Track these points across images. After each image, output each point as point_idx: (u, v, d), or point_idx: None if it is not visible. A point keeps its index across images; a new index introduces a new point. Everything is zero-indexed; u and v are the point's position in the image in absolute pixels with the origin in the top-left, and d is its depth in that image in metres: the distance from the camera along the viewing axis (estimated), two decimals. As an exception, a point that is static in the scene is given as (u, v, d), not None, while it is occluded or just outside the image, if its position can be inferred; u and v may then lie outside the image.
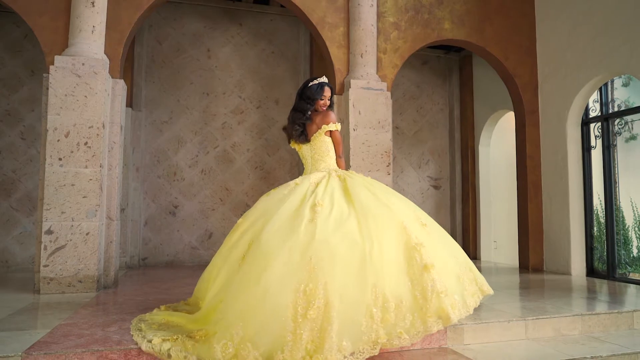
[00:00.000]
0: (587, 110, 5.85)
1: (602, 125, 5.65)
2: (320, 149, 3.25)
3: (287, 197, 2.93)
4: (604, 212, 5.64)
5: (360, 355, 2.40)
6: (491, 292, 3.05)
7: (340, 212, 2.77)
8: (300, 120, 3.28)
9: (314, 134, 3.27)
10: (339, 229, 2.65)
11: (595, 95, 5.76)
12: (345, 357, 2.34)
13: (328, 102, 3.34)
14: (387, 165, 5.16)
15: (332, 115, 3.30)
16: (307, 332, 2.34)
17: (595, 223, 5.94)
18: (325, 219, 2.70)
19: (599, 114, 5.71)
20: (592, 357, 2.91)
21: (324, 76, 3.41)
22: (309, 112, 3.28)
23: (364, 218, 2.73)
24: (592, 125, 5.79)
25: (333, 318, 2.36)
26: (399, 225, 2.76)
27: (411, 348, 2.97)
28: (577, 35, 5.61)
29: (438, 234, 2.98)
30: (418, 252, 2.67)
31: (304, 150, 3.33)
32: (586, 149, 5.81)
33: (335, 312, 2.37)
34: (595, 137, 5.76)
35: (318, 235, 2.59)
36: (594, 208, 6.00)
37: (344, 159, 3.42)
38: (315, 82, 3.31)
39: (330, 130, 3.27)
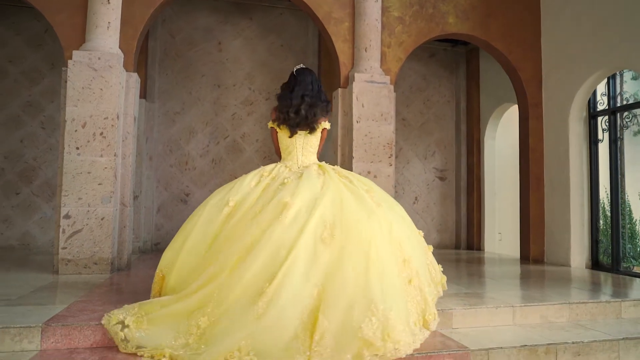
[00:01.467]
0: (595, 103, 5.90)
1: (609, 118, 5.68)
2: (315, 142, 3.28)
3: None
4: (610, 206, 5.70)
5: None
6: (444, 288, 3.38)
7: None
8: (324, 110, 3.26)
9: (319, 127, 3.29)
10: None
11: (603, 89, 5.80)
12: None
13: None
14: (389, 157, 5.31)
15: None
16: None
17: (601, 216, 6.01)
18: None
19: (607, 107, 5.74)
20: (573, 342, 3.06)
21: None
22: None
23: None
24: (599, 118, 5.82)
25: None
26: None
27: (401, 330, 3.16)
28: (579, 29, 5.66)
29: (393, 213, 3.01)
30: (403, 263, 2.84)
31: (295, 139, 3.23)
32: (593, 142, 5.86)
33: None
34: (603, 130, 5.79)
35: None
36: (601, 201, 6.08)
37: None
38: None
39: (325, 128, 3.32)
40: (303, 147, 3.25)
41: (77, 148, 4.44)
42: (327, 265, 2.57)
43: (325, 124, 3.30)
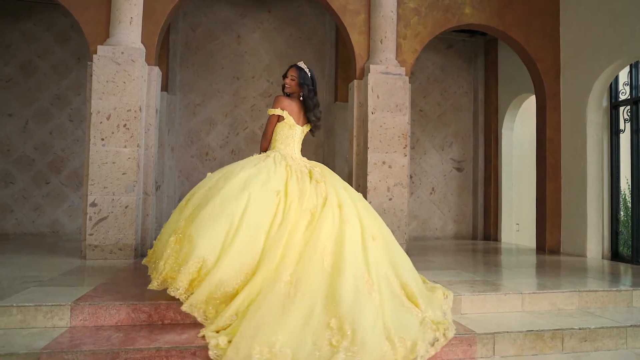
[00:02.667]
0: (617, 93, 5.82)
1: (631, 108, 5.59)
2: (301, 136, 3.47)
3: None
4: (631, 197, 5.63)
5: None
6: None
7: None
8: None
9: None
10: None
11: (625, 78, 5.72)
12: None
13: (292, 81, 3.43)
14: (404, 147, 5.38)
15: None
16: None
17: (622, 207, 5.95)
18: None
19: (629, 96, 5.65)
20: (580, 328, 3.11)
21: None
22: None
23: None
24: (621, 108, 5.74)
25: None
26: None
27: (410, 314, 3.26)
28: (598, 19, 5.59)
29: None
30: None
31: (296, 131, 3.41)
32: (614, 132, 5.79)
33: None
34: (624, 120, 5.71)
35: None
36: (622, 193, 6.01)
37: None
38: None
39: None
40: (300, 139, 3.46)
41: (102, 139, 4.64)
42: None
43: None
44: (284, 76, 3.52)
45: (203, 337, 2.59)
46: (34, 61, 6.77)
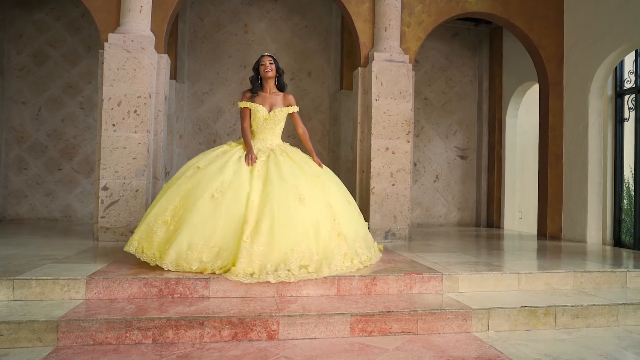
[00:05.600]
0: (621, 81, 5.83)
1: (636, 97, 5.59)
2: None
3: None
4: (634, 185, 5.67)
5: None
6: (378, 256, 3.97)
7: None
8: None
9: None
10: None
11: (630, 66, 5.73)
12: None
13: (269, 66, 3.92)
14: (407, 134, 5.48)
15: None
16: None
17: (625, 196, 6.00)
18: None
19: (634, 85, 5.65)
20: (572, 305, 3.23)
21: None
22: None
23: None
24: (625, 97, 5.75)
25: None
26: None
27: (409, 291, 3.40)
28: (602, 5, 5.62)
29: (318, 204, 3.49)
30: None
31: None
32: (619, 121, 5.81)
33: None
34: (629, 109, 5.72)
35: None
36: (625, 181, 6.05)
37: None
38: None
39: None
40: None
41: (114, 125, 4.80)
42: None
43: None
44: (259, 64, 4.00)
45: None
46: (45, 50, 6.93)
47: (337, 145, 7.35)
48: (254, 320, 2.74)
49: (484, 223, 7.86)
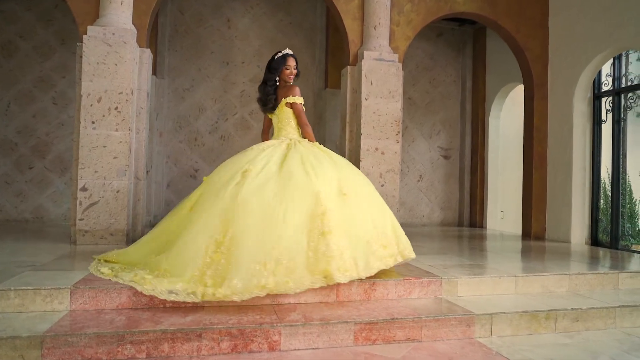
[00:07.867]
0: (599, 84, 5.94)
1: (613, 99, 5.72)
2: (282, 119, 3.67)
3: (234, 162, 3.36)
4: (611, 185, 5.81)
5: (249, 294, 2.78)
6: (412, 255, 3.45)
7: (265, 177, 3.13)
8: (270, 90, 3.71)
9: (278, 105, 3.69)
10: (257, 191, 3.02)
11: (608, 69, 5.84)
12: (234, 292, 2.75)
13: (294, 71, 3.72)
14: (397, 134, 5.42)
15: (295, 89, 3.68)
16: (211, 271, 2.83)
17: (602, 196, 6.13)
18: (251, 181, 3.08)
19: (611, 88, 5.78)
20: (572, 309, 3.22)
21: (288, 48, 3.77)
22: (276, 83, 3.71)
23: (283, 184, 3.09)
24: (603, 99, 5.87)
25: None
26: (313, 194, 3.05)
27: (409, 297, 3.32)
28: (587, 9, 5.69)
29: (357, 203, 3.23)
30: (320, 220, 2.98)
31: (273, 118, 3.80)
32: (597, 122, 5.92)
33: (234, 258, 2.82)
34: (607, 111, 5.84)
35: (240, 196, 3.00)
36: (602, 181, 6.18)
37: (309, 128, 3.73)
38: (280, 54, 3.71)
39: (291, 103, 3.65)
40: (276, 125, 3.81)
41: (93, 122, 4.55)
42: None
43: (286, 100, 3.70)
44: (284, 66, 3.69)
45: None
46: (15, 41, 6.56)
47: (322, 144, 7.22)
48: (254, 331, 2.60)
49: (467, 223, 7.89)
